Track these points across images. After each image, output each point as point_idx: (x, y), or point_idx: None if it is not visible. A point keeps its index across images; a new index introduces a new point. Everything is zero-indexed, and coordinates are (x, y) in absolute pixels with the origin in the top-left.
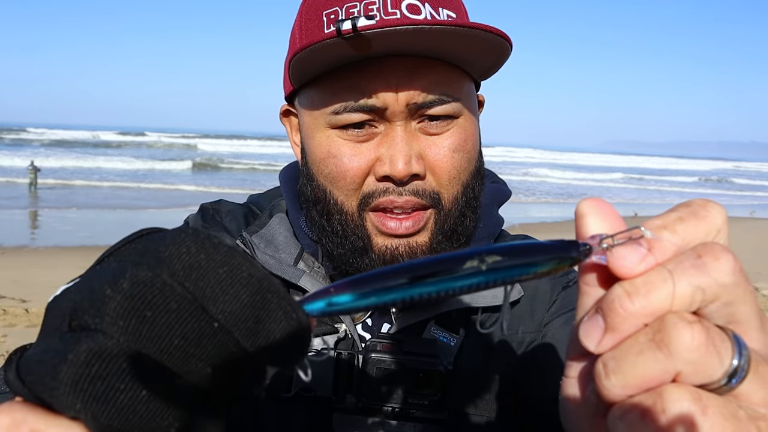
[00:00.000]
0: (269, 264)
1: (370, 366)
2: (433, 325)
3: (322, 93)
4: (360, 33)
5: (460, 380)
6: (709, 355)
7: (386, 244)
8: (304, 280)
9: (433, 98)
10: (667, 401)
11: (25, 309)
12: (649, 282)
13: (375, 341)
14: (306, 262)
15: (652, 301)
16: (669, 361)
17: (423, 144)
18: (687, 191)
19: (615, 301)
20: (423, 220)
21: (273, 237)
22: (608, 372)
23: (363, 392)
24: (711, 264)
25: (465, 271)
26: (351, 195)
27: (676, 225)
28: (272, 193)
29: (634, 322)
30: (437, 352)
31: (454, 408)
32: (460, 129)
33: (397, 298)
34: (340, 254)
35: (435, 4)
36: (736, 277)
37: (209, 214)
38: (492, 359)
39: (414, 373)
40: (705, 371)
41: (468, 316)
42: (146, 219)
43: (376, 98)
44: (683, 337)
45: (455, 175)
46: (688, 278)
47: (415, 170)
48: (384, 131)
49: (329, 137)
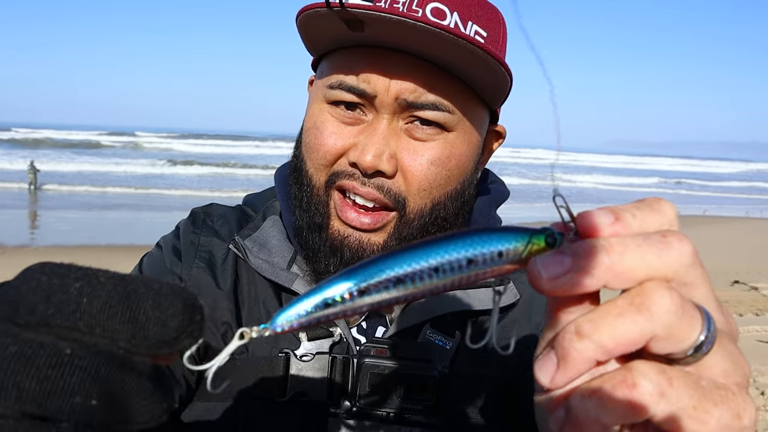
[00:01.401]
0: (262, 268)
1: (363, 371)
2: (428, 329)
3: (327, 66)
4: (346, 9)
5: (456, 384)
6: (684, 321)
7: (340, 229)
8: (298, 283)
9: (426, 101)
10: (637, 375)
11: None
12: (624, 243)
13: (369, 346)
14: (299, 266)
15: (626, 261)
16: (648, 323)
17: (402, 145)
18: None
19: (601, 253)
20: (383, 222)
21: (266, 240)
22: (582, 335)
23: (357, 397)
24: (675, 243)
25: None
26: (320, 170)
27: (635, 211)
28: (267, 194)
29: (611, 274)
30: (432, 357)
31: (449, 412)
32: (447, 144)
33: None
34: (299, 225)
35: (465, 17)
36: (696, 259)
37: (200, 219)
38: (488, 363)
39: (408, 378)
40: (678, 336)
41: (464, 319)
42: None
43: (367, 83)
44: (664, 299)
45: (426, 188)
46: (656, 251)
47: (383, 167)
48: (370, 121)
49: (321, 110)
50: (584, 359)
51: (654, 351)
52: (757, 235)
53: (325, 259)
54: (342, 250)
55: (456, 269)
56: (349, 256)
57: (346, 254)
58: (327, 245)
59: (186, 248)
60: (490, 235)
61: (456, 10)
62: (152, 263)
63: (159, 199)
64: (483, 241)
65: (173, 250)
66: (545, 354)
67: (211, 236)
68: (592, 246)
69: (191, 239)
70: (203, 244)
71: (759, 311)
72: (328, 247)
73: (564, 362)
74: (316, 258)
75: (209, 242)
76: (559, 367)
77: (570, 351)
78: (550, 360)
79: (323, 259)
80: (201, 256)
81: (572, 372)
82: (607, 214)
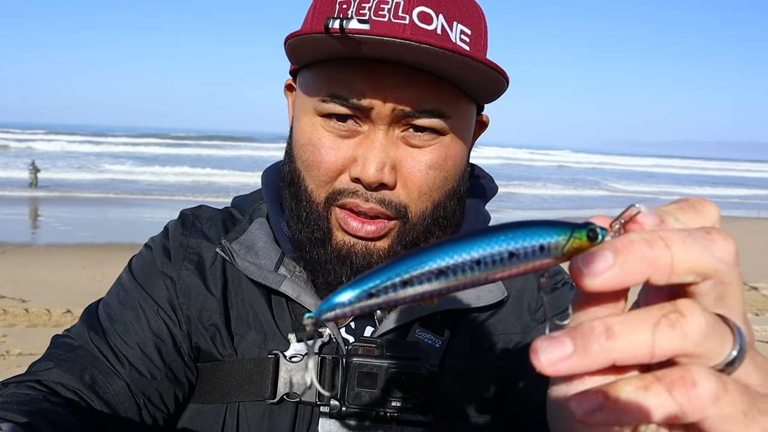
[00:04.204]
0: (249, 271)
1: (351, 370)
2: (417, 328)
3: (316, 78)
4: (347, 35)
5: (446, 382)
6: (715, 340)
7: (344, 240)
8: (285, 285)
9: (422, 110)
10: (696, 374)
11: (25, 309)
12: (668, 238)
13: (357, 345)
14: (287, 267)
15: (669, 256)
16: (680, 341)
17: (401, 154)
18: None
19: (643, 244)
20: (386, 229)
21: (253, 243)
22: (612, 335)
23: (346, 397)
24: (719, 241)
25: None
26: (321, 186)
27: (677, 213)
28: (255, 196)
29: (648, 264)
30: (420, 355)
31: (439, 410)
32: (443, 147)
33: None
34: (299, 240)
35: (450, 17)
36: (736, 261)
37: (189, 221)
38: (478, 361)
39: (396, 376)
40: (708, 355)
41: (453, 317)
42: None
43: (363, 98)
44: (699, 320)
45: (426, 191)
46: (700, 247)
47: (386, 180)
48: (366, 132)
49: (313, 124)
50: (605, 358)
51: (679, 363)
52: (757, 235)
53: (335, 271)
54: (351, 258)
55: (497, 262)
56: (359, 264)
57: (356, 262)
58: (334, 256)
59: (175, 249)
60: (532, 229)
61: (441, 11)
62: (142, 264)
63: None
64: (525, 234)
65: (163, 250)
66: (558, 337)
67: (200, 238)
68: (634, 240)
69: (180, 241)
70: (192, 246)
71: (759, 311)
72: (336, 258)
73: (582, 353)
74: (325, 270)
75: (198, 244)
76: (574, 355)
77: (594, 346)
78: (562, 345)
79: (332, 270)
80: (190, 258)
81: (585, 365)
82: (651, 215)
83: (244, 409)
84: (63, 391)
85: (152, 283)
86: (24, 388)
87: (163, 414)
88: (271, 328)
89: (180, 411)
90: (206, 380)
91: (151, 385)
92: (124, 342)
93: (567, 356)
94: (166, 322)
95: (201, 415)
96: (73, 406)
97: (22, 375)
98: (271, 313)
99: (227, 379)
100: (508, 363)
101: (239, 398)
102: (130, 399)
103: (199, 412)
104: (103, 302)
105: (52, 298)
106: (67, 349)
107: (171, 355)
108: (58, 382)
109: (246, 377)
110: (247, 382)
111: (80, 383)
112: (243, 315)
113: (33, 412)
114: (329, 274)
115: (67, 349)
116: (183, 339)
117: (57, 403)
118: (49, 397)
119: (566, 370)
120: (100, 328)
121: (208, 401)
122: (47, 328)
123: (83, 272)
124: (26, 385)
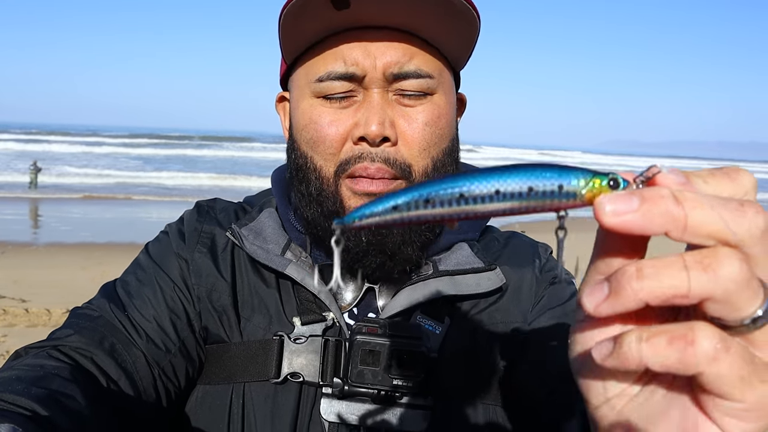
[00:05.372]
0: (257, 254)
1: (355, 348)
2: (418, 314)
3: (308, 63)
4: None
5: (446, 367)
6: (747, 293)
7: (357, 203)
8: (291, 268)
9: (409, 70)
10: (698, 333)
11: (25, 309)
12: (697, 199)
13: (360, 324)
14: (293, 252)
15: (696, 216)
16: (709, 284)
17: (397, 113)
18: None
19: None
20: (395, 187)
21: (261, 229)
22: (642, 275)
23: (349, 376)
24: (750, 213)
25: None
26: (329, 160)
27: (708, 177)
28: (264, 193)
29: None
30: (421, 335)
31: (439, 394)
32: (434, 105)
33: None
34: (314, 218)
35: None
36: (764, 237)
37: (204, 210)
38: (478, 347)
39: (398, 353)
40: (736, 305)
41: (453, 304)
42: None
43: (356, 66)
44: (734, 267)
45: (425, 148)
46: (729, 215)
47: (387, 133)
48: (362, 98)
49: (312, 105)
50: (636, 298)
51: (707, 312)
52: None
53: (354, 236)
54: None
55: (516, 195)
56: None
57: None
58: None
59: (189, 234)
60: (553, 169)
61: None
62: (159, 247)
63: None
64: (546, 171)
65: (179, 234)
66: (598, 284)
67: (214, 225)
68: (663, 193)
69: (195, 226)
70: (206, 231)
71: None
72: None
73: (616, 295)
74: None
75: (212, 230)
76: (609, 297)
77: (625, 287)
78: (601, 289)
79: (353, 236)
80: (203, 242)
81: (619, 306)
82: (677, 173)
83: (250, 391)
84: (80, 359)
85: (168, 263)
86: (42, 358)
87: (175, 387)
88: (277, 312)
89: (188, 390)
90: (213, 362)
91: (166, 358)
92: (141, 315)
93: (603, 299)
94: (181, 299)
95: (208, 396)
96: (87, 378)
97: (42, 341)
98: (278, 297)
99: (233, 360)
100: (509, 350)
101: (244, 378)
102: (146, 369)
103: (206, 394)
104: (120, 280)
105: (52, 298)
106: (87, 319)
107: (185, 330)
108: (77, 347)
109: (251, 357)
110: (252, 363)
111: (99, 349)
112: (249, 298)
113: (44, 396)
114: (350, 240)
115: (87, 318)
116: (195, 317)
117: (71, 379)
118: (62, 372)
119: (605, 312)
120: (119, 301)
121: (214, 382)
122: (47, 328)
123: (83, 272)
124: (45, 353)
